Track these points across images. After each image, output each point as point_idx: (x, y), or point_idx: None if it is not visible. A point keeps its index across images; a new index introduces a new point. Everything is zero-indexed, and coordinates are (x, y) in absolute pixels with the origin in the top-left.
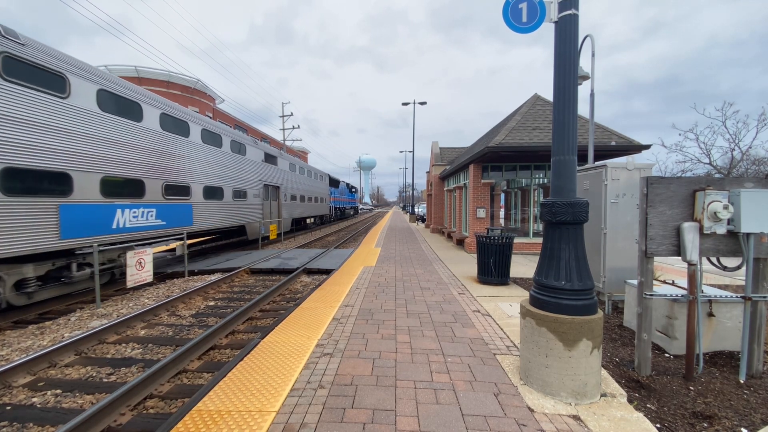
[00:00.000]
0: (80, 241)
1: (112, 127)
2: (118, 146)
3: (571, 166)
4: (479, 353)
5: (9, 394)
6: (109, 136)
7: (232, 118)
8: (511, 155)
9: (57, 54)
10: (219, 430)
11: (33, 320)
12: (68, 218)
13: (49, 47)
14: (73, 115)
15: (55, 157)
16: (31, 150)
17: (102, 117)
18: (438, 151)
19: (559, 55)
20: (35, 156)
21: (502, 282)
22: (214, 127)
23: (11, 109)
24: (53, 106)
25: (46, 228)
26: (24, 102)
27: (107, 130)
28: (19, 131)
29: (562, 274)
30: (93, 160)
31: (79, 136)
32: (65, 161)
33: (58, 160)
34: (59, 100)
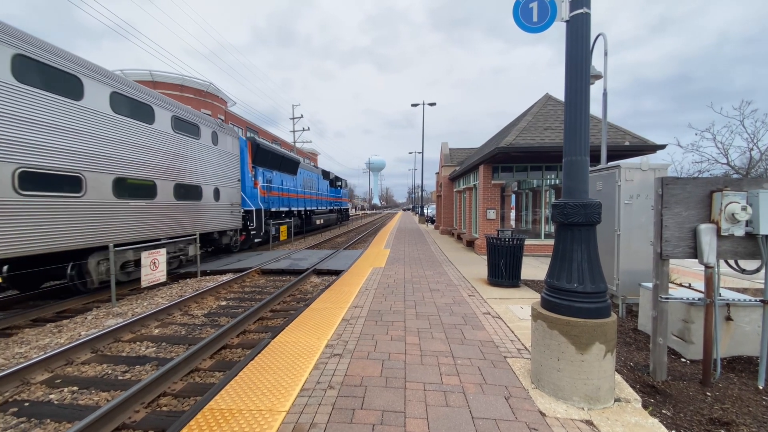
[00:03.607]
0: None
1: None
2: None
3: (583, 167)
4: (489, 356)
5: (27, 391)
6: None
7: (243, 120)
8: (522, 156)
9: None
10: (230, 428)
11: (51, 318)
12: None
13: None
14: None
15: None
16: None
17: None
18: (448, 152)
19: (570, 54)
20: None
21: (512, 284)
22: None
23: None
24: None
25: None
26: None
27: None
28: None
29: (575, 277)
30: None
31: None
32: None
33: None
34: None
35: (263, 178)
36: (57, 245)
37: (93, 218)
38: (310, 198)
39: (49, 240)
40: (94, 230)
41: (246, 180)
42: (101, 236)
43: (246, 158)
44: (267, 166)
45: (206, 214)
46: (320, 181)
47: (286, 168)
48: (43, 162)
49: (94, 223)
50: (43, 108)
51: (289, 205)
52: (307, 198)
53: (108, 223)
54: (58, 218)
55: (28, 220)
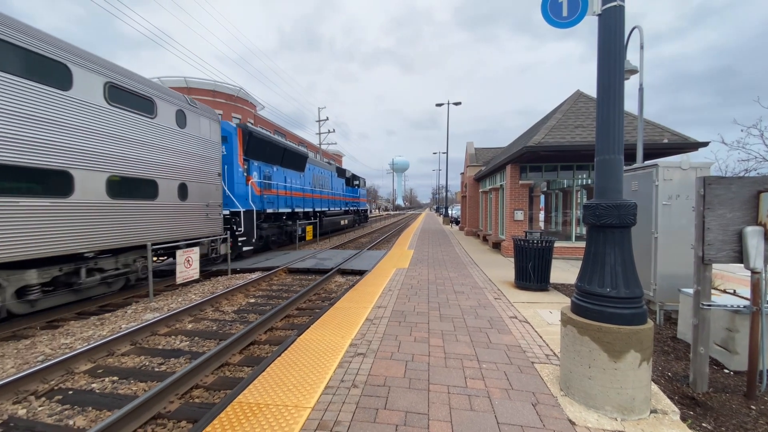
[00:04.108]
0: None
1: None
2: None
3: (617, 166)
4: (516, 361)
5: (71, 380)
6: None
7: (272, 124)
8: (551, 155)
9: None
10: (258, 422)
11: (94, 312)
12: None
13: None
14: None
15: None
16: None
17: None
18: (473, 152)
19: (603, 49)
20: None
21: (541, 288)
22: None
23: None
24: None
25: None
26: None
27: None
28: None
29: (607, 281)
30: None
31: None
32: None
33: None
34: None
35: (259, 173)
36: None
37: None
38: (321, 198)
39: None
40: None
41: (234, 175)
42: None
43: (235, 149)
44: (264, 160)
45: (165, 217)
46: (334, 179)
47: (290, 163)
48: None
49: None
50: None
51: (293, 205)
52: (316, 198)
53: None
54: None
55: None
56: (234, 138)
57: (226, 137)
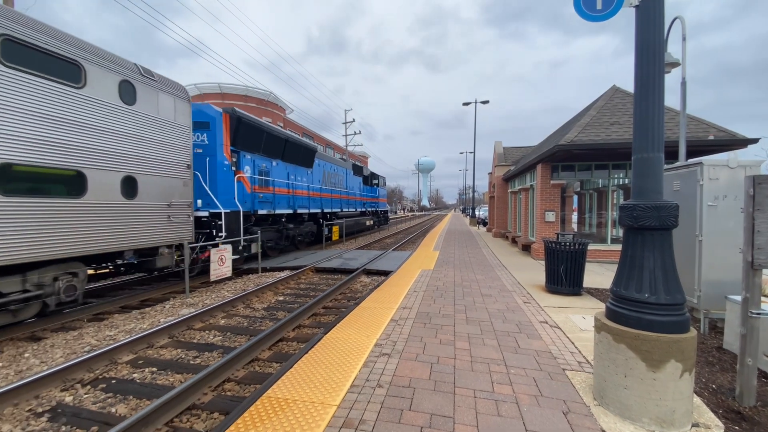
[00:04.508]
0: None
1: None
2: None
3: (656, 165)
4: (546, 367)
5: (114, 369)
6: None
7: (301, 127)
8: (585, 153)
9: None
10: (285, 417)
11: (136, 306)
12: None
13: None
14: None
15: None
16: None
17: None
18: (501, 151)
19: (641, 42)
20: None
21: (573, 292)
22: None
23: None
24: None
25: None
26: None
27: None
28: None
29: (646, 286)
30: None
31: None
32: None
33: None
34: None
35: (253, 167)
36: None
37: None
38: (331, 197)
39: None
40: None
41: (218, 169)
42: None
43: (219, 138)
44: (260, 152)
45: (98, 220)
46: (350, 176)
47: (293, 157)
48: None
49: None
50: None
51: (296, 205)
52: (326, 197)
53: None
54: None
55: None
56: (218, 124)
57: (208, 123)
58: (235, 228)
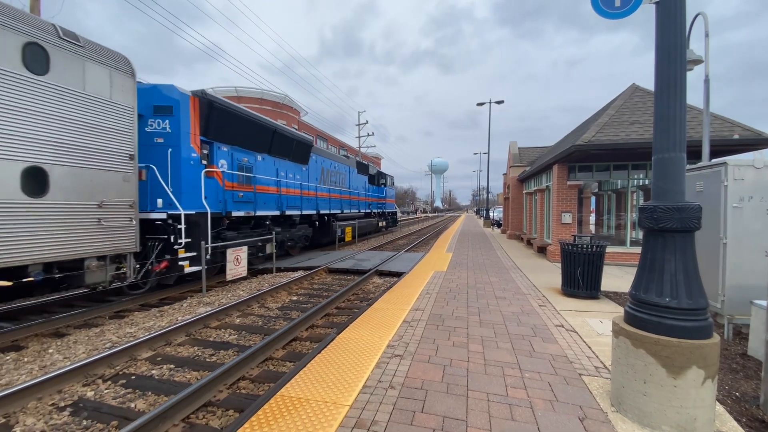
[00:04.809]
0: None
1: None
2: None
3: (678, 165)
4: (562, 372)
5: (134, 366)
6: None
7: (314, 129)
8: (603, 154)
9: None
10: (299, 416)
11: (155, 304)
12: None
13: None
14: None
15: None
16: None
17: None
18: (516, 152)
19: (662, 39)
20: None
21: (591, 295)
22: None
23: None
24: None
25: None
26: None
27: None
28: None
29: (666, 290)
30: None
31: None
32: None
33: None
34: None
35: (231, 161)
36: None
37: None
38: (330, 197)
39: None
40: None
41: (182, 162)
42: None
43: (184, 125)
44: (241, 145)
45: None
46: (353, 175)
47: (284, 151)
48: None
49: None
50: None
51: (285, 206)
52: (323, 197)
53: None
54: None
55: None
56: (183, 109)
57: (171, 108)
58: (201, 233)
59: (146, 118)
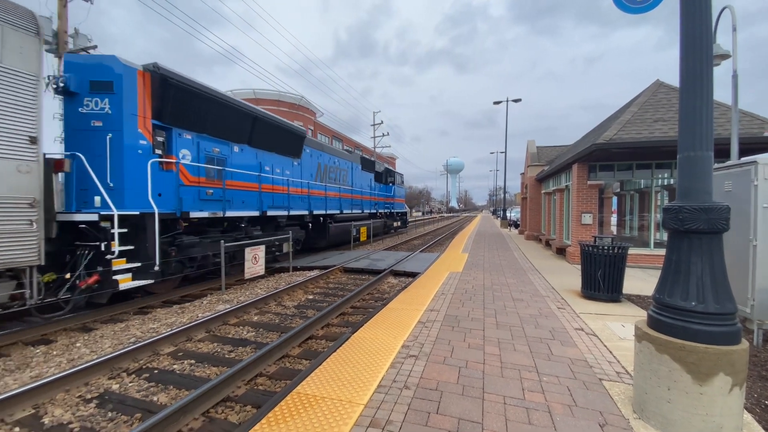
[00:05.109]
0: None
1: None
2: None
3: (704, 164)
4: (581, 376)
5: (157, 360)
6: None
7: (330, 130)
8: (625, 152)
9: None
10: (314, 413)
11: (176, 301)
12: None
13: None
14: None
15: None
16: None
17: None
18: (534, 151)
19: (687, 33)
20: None
21: (612, 298)
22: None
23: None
24: None
25: None
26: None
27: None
28: None
29: (692, 293)
30: None
31: None
32: None
33: None
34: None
35: (197, 151)
36: None
37: None
38: (326, 195)
39: None
40: None
41: (125, 151)
42: None
43: (130, 106)
44: (208, 132)
45: None
46: (356, 172)
47: (268, 141)
48: None
49: None
50: None
51: (267, 205)
52: (318, 195)
53: None
54: None
55: None
56: (127, 86)
57: (111, 84)
58: (141, 240)
59: (81, 97)
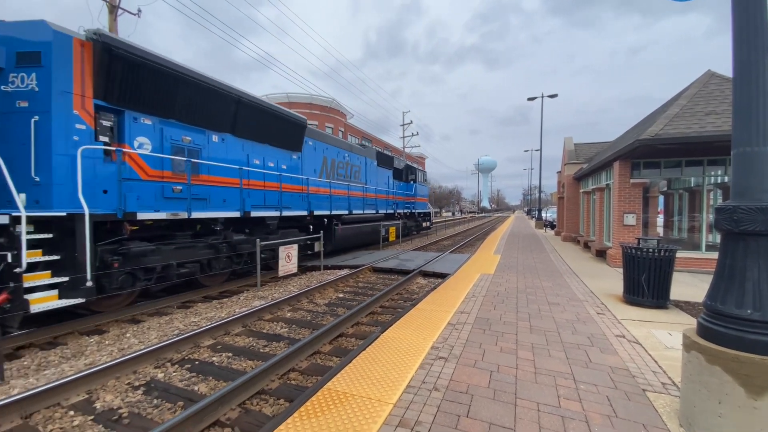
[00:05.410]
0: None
1: None
2: None
3: (762, 160)
4: (623, 386)
5: (197, 352)
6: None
7: (360, 131)
8: (673, 148)
9: None
10: (344, 410)
11: (215, 297)
12: None
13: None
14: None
15: None
16: None
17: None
18: (572, 148)
19: (739, 20)
20: None
21: (657, 304)
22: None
23: None
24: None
25: None
26: None
27: None
28: None
29: (748, 300)
30: None
31: None
32: None
33: None
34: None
35: (160, 139)
36: None
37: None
38: (330, 193)
39: None
40: None
41: (53, 135)
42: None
43: (62, 81)
44: (176, 117)
45: None
46: (371, 168)
47: (256, 130)
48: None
49: None
50: None
51: (246, 205)
52: (320, 193)
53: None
54: None
55: None
56: (59, 57)
57: (39, 55)
58: (73, 246)
59: (7, 73)
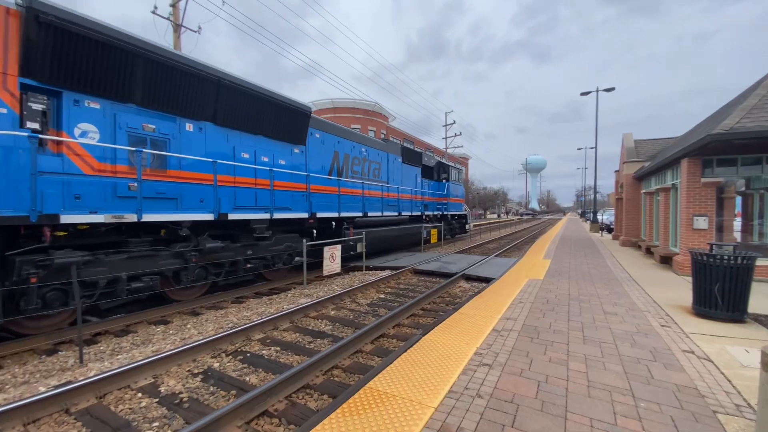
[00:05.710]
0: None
1: None
2: None
3: None
4: (689, 406)
5: (249, 345)
6: None
7: (402, 133)
8: (752, 144)
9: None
10: (385, 409)
11: (265, 293)
12: None
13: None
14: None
15: None
16: None
17: None
18: (631, 145)
19: None
20: None
21: (733, 318)
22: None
23: None
24: None
25: None
26: None
27: None
28: None
29: None
30: None
31: None
32: None
33: None
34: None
35: (113, 127)
36: None
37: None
38: (338, 192)
39: None
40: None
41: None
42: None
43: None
44: (132, 101)
45: None
46: (394, 164)
47: (244, 119)
48: None
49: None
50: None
51: (222, 206)
52: (326, 192)
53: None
54: None
55: None
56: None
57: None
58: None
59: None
